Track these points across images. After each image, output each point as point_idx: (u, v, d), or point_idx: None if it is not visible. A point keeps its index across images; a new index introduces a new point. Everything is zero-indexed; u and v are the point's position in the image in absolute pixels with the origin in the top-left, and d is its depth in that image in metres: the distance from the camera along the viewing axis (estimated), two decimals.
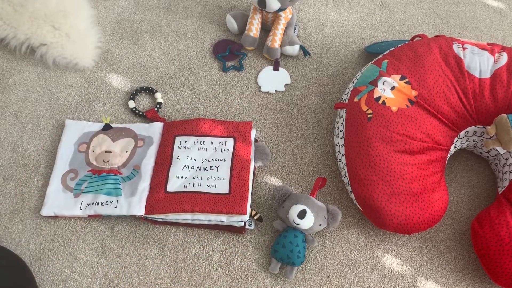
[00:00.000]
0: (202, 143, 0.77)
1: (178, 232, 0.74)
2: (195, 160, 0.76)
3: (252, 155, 0.77)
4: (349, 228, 0.76)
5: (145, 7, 1.00)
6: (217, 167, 0.75)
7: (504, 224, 0.69)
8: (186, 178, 0.74)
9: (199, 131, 0.79)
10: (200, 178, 0.74)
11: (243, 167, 0.75)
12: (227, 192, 0.72)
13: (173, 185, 0.73)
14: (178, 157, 0.76)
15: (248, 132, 0.79)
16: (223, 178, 0.74)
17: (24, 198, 0.75)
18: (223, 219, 0.71)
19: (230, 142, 0.78)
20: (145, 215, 0.71)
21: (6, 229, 0.72)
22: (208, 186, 0.73)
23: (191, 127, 0.79)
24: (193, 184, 0.73)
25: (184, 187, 0.73)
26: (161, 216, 0.71)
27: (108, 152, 0.77)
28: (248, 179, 0.74)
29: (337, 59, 0.96)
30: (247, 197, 0.72)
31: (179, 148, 0.77)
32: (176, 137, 0.78)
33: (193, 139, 0.78)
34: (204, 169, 0.75)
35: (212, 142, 0.78)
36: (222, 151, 0.77)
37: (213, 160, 0.76)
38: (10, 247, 0.71)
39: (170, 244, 0.73)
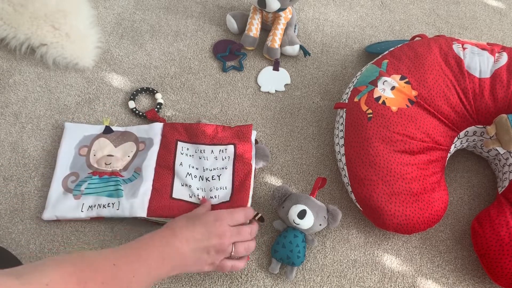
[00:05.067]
0: (202, 151, 0.77)
1: None
2: (197, 169, 0.76)
3: (253, 160, 0.77)
4: (349, 228, 0.76)
5: (145, 7, 1.00)
6: (218, 176, 0.75)
7: (504, 224, 0.69)
8: (190, 186, 0.74)
9: (199, 139, 0.78)
10: (203, 190, 0.74)
11: (245, 173, 0.75)
12: (228, 199, 0.73)
13: (178, 192, 0.73)
14: (181, 163, 0.75)
15: (248, 136, 0.78)
16: (226, 187, 0.74)
17: (24, 198, 0.75)
18: None
19: (230, 149, 0.77)
20: (147, 217, 0.71)
21: (6, 229, 0.72)
22: (211, 197, 0.73)
23: (192, 134, 0.79)
24: (198, 195, 0.73)
25: (190, 196, 0.73)
26: (161, 218, 0.71)
27: (110, 156, 0.77)
28: (250, 185, 0.74)
29: (337, 59, 0.96)
30: (247, 203, 0.72)
31: (182, 154, 0.77)
32: (178, 142, 0.78)
33: (194, 147, 0.78)
34: (207, 179, 0.75)
35: (212, 151, 0.77)
36: (223, 159, 0.76)
37: (214, 169, 0.76)
38: (10, 247, 0.71)
39: None
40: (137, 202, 0.71)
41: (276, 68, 0.92)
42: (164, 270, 0.58)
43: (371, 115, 0.73)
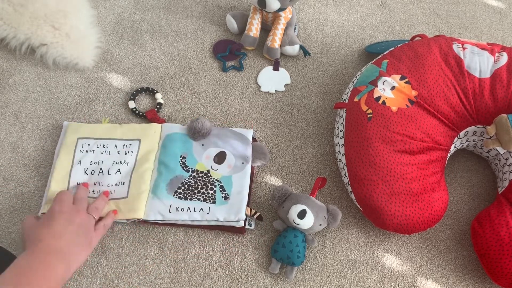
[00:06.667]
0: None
1: (178, 232, 0.74)
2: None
3: (251, 159, 0.77)
4: (349, 228, 0.76)
5: (145, 7, 1.00)
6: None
7: (504, 224, 0.69)
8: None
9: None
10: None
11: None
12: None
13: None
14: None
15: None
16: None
17: (24, 198, 0.75)
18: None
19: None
20: (145, 219, 0.71)
21: (6, 229, 0.72)
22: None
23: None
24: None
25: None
26: (158, 218, 0.71)
27: None
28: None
29: (337, 59, 0.96)
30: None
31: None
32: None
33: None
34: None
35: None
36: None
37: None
38: (10, 247, 0.71)
39: (170, 244, 0.73)
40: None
41: (276, 68, 0.92)
42: (59, 279, 0.56)
43: (371, 115, 0.73)
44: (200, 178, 0.75)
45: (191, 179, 0.75)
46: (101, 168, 0.75)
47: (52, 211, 0.63)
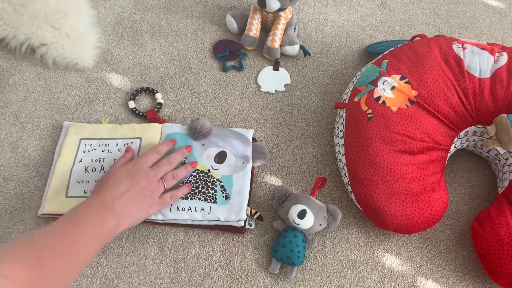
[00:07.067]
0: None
1: (178, 232, 0.74)
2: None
3: (250, 160, 0.77)
4: (349, 228, 0.76)
5: (145, 7, 1.00)
6: None
7: (504, 224, 0.69)
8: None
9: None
10: None
11: None
12: None
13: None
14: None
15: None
16: None
17: (24, 198, 0.75)
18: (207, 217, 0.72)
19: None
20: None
21: (6, 229, 0.72)
22: None
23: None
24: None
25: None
26: (159, 217, 0.71)
27: None
28: None
29: (337, 59, 0.96)
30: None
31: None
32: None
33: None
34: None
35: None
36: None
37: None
38: None
39: (170, 244, 0.73)
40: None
41: (276, 68, 0.92)
42: (110, 232, 0.61)
43: (371, 115, 0.73)
44: (201, 177, 0.75)
45: (191, 178, 0.75)
46: (102, 165, 0.75)
47: (129, 167, 0.67)
